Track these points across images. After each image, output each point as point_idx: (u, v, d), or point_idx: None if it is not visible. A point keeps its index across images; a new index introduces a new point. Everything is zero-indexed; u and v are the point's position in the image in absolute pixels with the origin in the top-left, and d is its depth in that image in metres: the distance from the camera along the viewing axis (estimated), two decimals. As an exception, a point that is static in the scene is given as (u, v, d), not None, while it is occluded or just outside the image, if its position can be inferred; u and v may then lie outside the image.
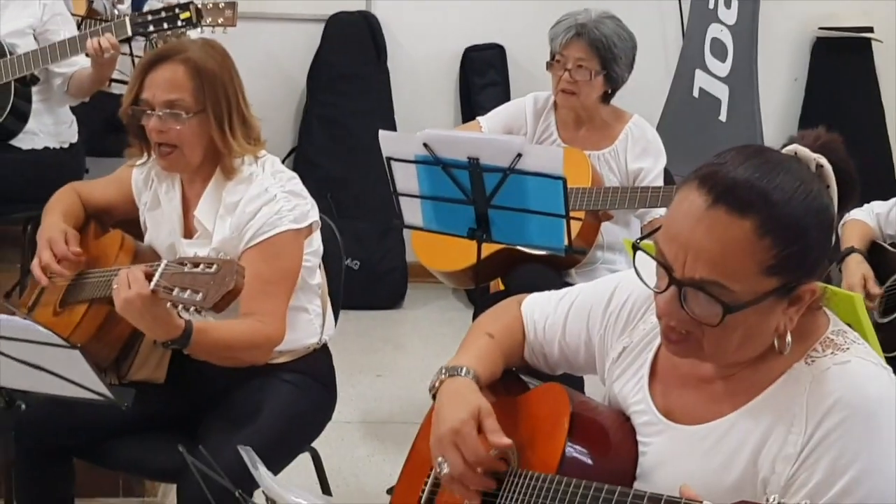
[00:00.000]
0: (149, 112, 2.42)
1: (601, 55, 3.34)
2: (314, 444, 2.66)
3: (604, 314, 1.82)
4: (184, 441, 2.02)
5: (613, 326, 1.80)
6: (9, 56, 3.42)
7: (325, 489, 2.74)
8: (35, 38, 3.54)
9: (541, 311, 1.92)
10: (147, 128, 2.44)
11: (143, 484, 3.26)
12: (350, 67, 4.90)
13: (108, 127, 4.19)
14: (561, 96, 3.41)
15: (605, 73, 3.36)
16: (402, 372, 4.33)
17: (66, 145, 3.70)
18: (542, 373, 1.97)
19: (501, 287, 3.51)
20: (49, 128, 3.64)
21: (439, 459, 1.72)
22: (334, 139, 4.93)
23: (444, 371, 1.83)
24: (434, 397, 1.81)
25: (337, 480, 2.98)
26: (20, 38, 3.50)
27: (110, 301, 2.27)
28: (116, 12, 4.22)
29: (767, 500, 1.41)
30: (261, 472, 1.41)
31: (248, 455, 1.44)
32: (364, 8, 4.91)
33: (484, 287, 3.38)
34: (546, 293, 1.96)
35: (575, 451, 1.68)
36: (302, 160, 4.93)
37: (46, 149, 3.63)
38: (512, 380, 1.95)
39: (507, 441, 1.69)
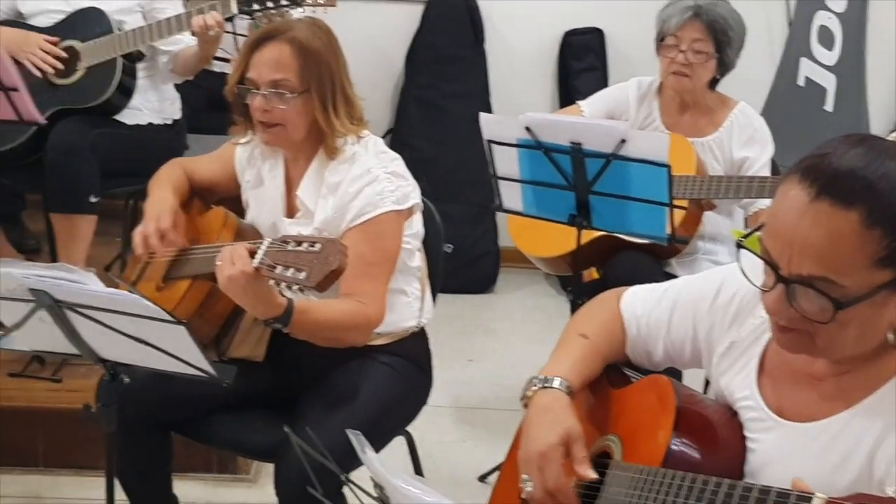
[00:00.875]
0: (254, 91, 2.43)
1: (717, 37, 3.27)
2: (408, 428, 2.66)
3: (710, 309, 1.77)
4: (281, 420, 2.03)
5: (721, 321, 1.75)
6: (116, 32, 3.47)
7: (419, 473, 2.73)
8: (143, 16, 3.58)
9: (643, 306, 1.87)
10: (252, 106, 2.45)
11: (236, 461, 3.30)
12: (448, 50, 4.88)
13: (209, 104, 4.25)
14: (672, 79, 3.34)
15: (717, 57, 3.30)
16: (494, 357, 4.31)
17: (169, 122, 3.74)
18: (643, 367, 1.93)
19: (595, 275, 3.46)
20: (153, 104, 3.68)
21: (524, 477, 1.71)
22: (430, 121, 4.91)
23: (535, 381, 1.79)
24: (525, 405, 1.79)
25: (428, 465, 2.97)
26: (127, 15, 3.55)
27: (213, 277, 2.28)
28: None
29: (884, 493, 1.36)
30: (369, 456, 1.40)
31: (356, 439, 1.42)
32: (464, -10, 4.89)
33: (577, 274, 3.34)
34: (646, 287, 1.92)
35: (681, 445, 1.64)
36: (398, 141, 4.92)
37: (150, 125, 3.67)
38: (614, 373, 1.91)
39: (591, 475, 1.67)
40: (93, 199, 3.47)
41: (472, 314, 4.74)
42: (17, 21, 3.59)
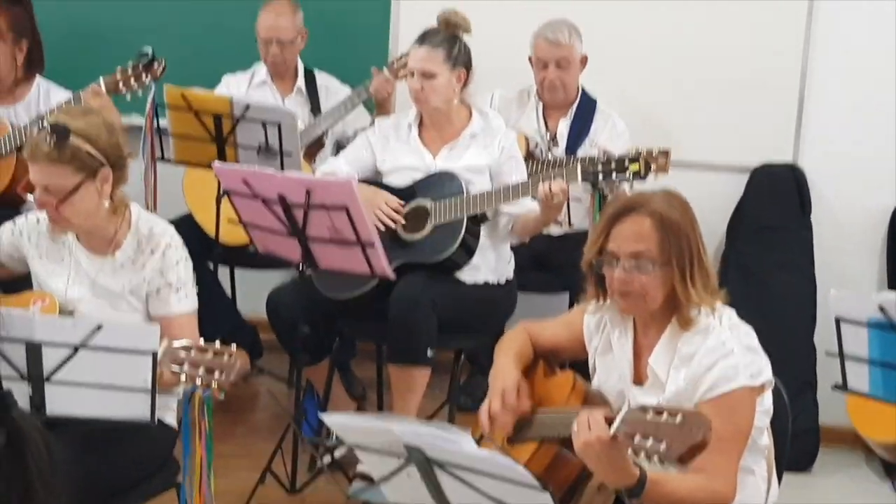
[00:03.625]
0: (614, 263, 2.48)
1: None
2: None
3: None
4: None
5: None
6: (464, 194, 3.64)
7: None
8: (490, 177, 3.76)
9: None
10: (610, 277, 2.49)
11: None
12: (772, 219, 4.80)
13: (535, 264, 4.36)
14: None
15: None
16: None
17: (503, 281, 3.87)
18: None
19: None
20: (490, 263, 3.82)
21: None
22: (750, 290, 4.81)
23: None
24: None
25: None
26: (476, 175, 3.74)
27: (561, 441, 2.30)
28: (551, 156, 4.42)
29: None
30: None
31: None
32: (791, 160, 4.82)
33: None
34: None
35: None
36: (717, 308, 4.84)
37: (486, 283, 3.80)
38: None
39: None
40: (429, 353, 3.61)
41: (790, 494, 4.51)
42: (375, 181, 3.85)
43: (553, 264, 4.42)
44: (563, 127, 4.46)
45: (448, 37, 3.79)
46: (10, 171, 4.07)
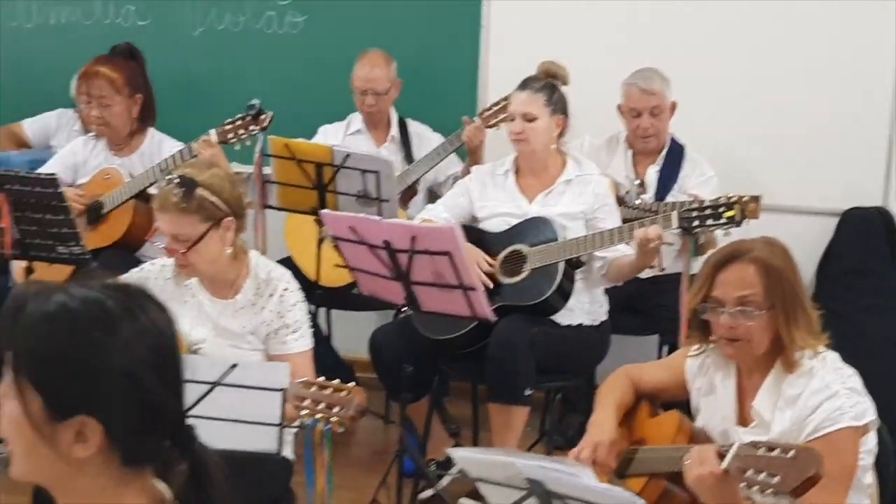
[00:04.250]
0: (719, 309, 2.57)
1: None
2: None
3: None
4: None
5: None
6: (561, 239, 3.77)
7: None
8: (584, 223, 3.88)
9: None
10: (715, 323, 2.59)
11: None
12: (862, 263, 4.85)
13: (623, 306, 4.45)
14: None
15: None
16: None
17: (597, 323, 3.97)
18: None
19: None
20: (585, 306, 3.93)
21: None
22: (841, 334, 4.83)
23: None
24: None
25: None
26: (571, 221, 3.86)
27: (670, 477, 2.40)
28: (639, 202, 4.52)
29: None
30: None
31: None
32: (880, 204, 4.87)
33: None
34: None
35: None
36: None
37: (580, 325, 3.91)
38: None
39: None
40: (527, 392, 3.72)
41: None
42: (472, 226, 3.98)
43: (643, 307, 4.51)
44: (652, 173, 4.55)
45: (548, 84, 3.94)
46: (128, 217, 4.28)
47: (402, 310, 3.65)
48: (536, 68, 4.02)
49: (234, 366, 2.53)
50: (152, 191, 4.30)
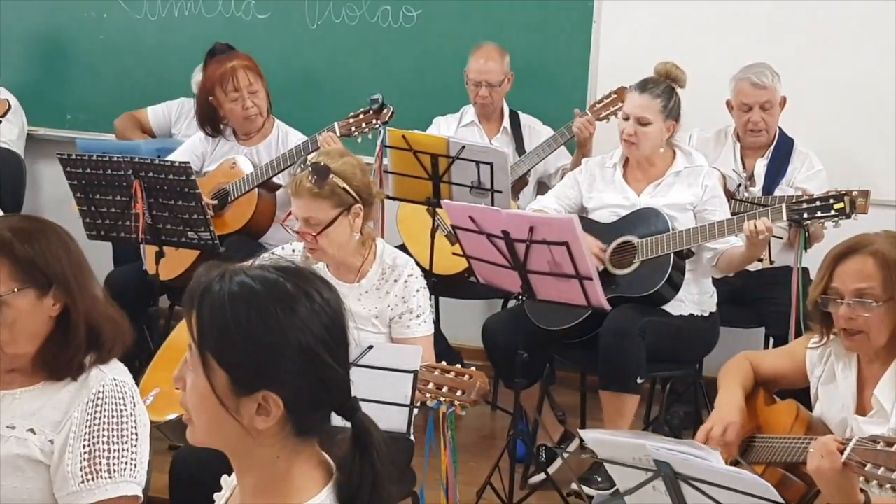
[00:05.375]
0: (838, 300, 2.63)
1: None
2: None
3: None
4: None
5: None
6: (671, 231, 3.84)
7: None
8: (693, 215, 3.94)
9: None
10: (835, 314, 2.65)
11: None
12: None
13: (731, 298, 4.49)
14: None
15: None
16: None
17: (706, 314, 4.03)
18: None
19: None
20: (694, 297, 3.99)
21: None
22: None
23: None
24: None
25: None
26: (679, 212, 3.93)
27: (786, 466, 2.47)
28: (748, 195, 4.56)
29: None
30: None
31: None
32: None
33: None
34: None
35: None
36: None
37: (691, 315, 3.98)
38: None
39: None
40: (639, 381, 3.81)
41: None
42: (583, 217, 4.07)
43: (750, 299, 4.56)
44: (760, 167, 4.58)
45: (667, 89, 3.99)
46: (252, 205, 4.46)
47: (518, 297, 3.75)
48: (655, 69, 4.07)
49: (370, 347, 2.67)
50: (276, 180, 4.48)
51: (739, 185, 4.57)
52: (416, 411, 3.14)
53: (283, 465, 1.62)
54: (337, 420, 1.66)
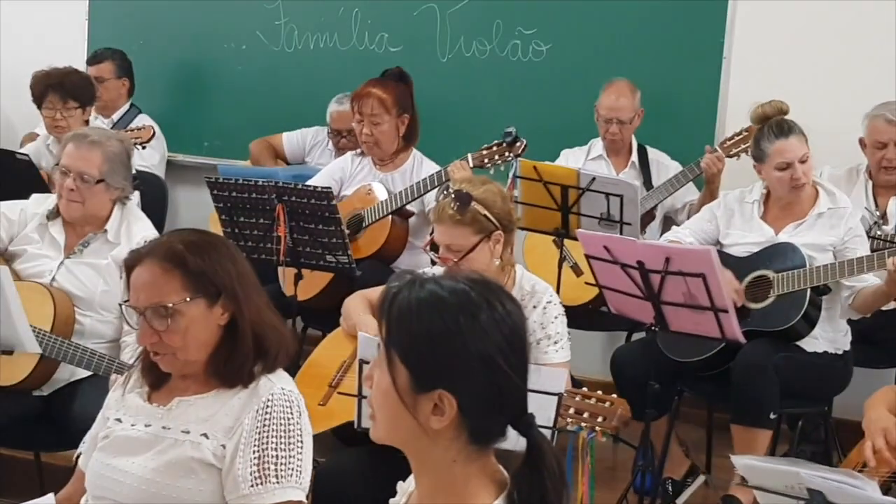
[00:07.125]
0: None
1: None
2: None
3: None
4: None
5: None
6: (808, 266, 3.82)
7: None
8: (833, 254, 3.92)
9: None
10: None
11: None
12: None
13: (860, 337, 4.42)
14: None
15: None
16: None
17: (839, 352, 3.99)
18: None
19: None
20: (828, 334, 3.96)
21: None
22: None
23: None
24: None
25: None
26: (819, 252, 3.91)
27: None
28: (880, 234, 4.51)
29: None
30: None
31: None
32: None
33: None
34: None
35: None
36: None
37: (825, 353, 3.95)
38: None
39: None
40: (772, 416, 3.79)
41: None
42: (718, 250, 4.07)
43: (880, 339, 4.49)
44: (893, 205, 4.53)
45: (795, 124, 4.01)
46: (385, 231, 4.57)
47: (649, 329, 3.76)
48: (757, 112, 4.09)
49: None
50: (409, 208, 4.58)
51: (873, 223, 4.52)
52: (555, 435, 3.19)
53: (459, 469, 1.69)
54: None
